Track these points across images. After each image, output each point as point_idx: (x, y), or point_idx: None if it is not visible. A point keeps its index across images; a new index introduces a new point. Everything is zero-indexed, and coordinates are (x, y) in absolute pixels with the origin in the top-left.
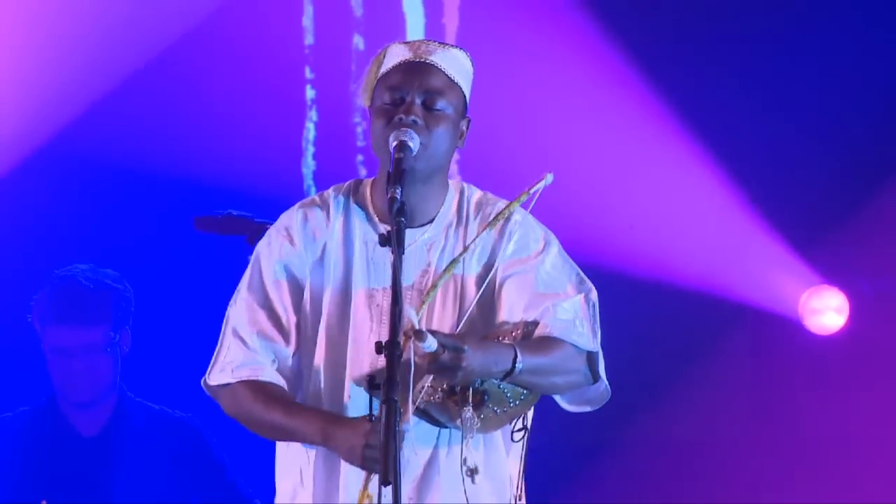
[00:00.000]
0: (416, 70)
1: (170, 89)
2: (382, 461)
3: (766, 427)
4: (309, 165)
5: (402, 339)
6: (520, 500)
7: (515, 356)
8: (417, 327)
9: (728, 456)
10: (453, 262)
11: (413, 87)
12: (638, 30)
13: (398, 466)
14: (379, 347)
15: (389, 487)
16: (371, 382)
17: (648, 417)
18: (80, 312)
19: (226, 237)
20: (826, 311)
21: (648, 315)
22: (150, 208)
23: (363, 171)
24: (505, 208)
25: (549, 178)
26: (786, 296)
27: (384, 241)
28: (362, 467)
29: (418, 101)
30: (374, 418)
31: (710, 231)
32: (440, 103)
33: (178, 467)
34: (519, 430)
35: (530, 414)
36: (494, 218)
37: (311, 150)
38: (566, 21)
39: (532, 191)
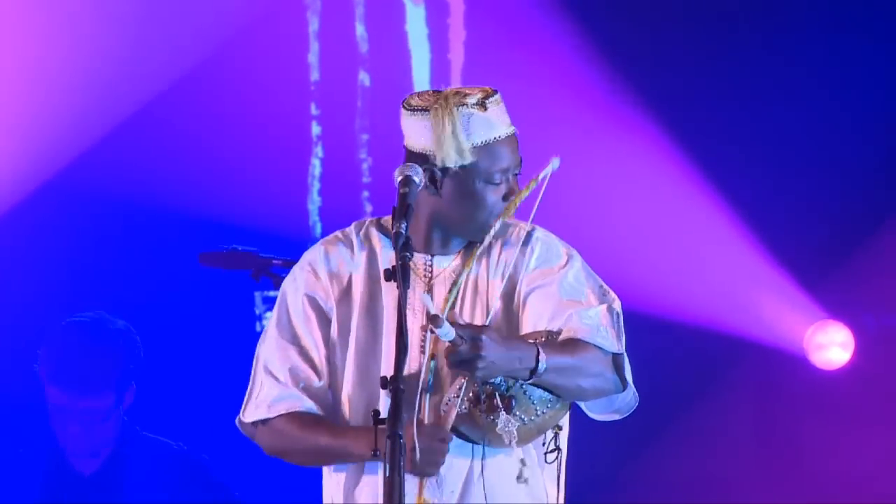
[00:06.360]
0: (515, 148)
1: (175, 125)
2: (386, 498)
3: (770, 462)
4: (315, 201)
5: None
6: None
7: (538, 354)
8: (434, 312)
9: (733, 491)
10: (471, 256)
11: (514, 165)
12: (646, 68)
13: (402, 500)
14: (384, 382)
15: None
16: (375, 417)
17: (653, 453)
18: (81, 378)
19: (231, 272)
20: (831, 346)
21: (653, 350)
22: (155, 244)
23: (369, 207)
24: (515, 197)
25: (556, 162)
26: (791, 331)
27: (389, 275)
28: (414, 473)
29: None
30: (377, 453)
31: (714, 266)
32: None
33: (178, 499)
34: (552, 451)
35: (564, 435)
36: (510, 203)
37: (316, 186)
38: (571, 58)
39: (540, 177)
